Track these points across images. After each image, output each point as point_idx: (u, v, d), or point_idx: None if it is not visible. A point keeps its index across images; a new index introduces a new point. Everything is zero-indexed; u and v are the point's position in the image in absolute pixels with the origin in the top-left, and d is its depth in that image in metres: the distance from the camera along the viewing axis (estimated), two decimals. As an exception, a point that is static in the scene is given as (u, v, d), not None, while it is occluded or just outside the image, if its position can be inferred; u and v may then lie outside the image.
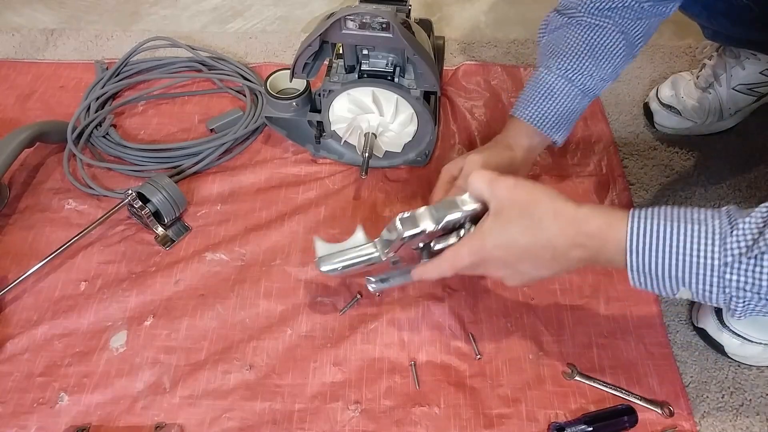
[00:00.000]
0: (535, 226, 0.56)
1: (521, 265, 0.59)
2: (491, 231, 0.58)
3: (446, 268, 0.62)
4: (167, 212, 0.82)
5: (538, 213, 0.56)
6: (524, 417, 0.69)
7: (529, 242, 0.57)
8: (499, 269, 0.61)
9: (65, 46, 1.12)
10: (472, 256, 0.60)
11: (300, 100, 0.85)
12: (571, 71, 0.73)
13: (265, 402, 0.70)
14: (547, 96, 0.74)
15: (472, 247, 0.60)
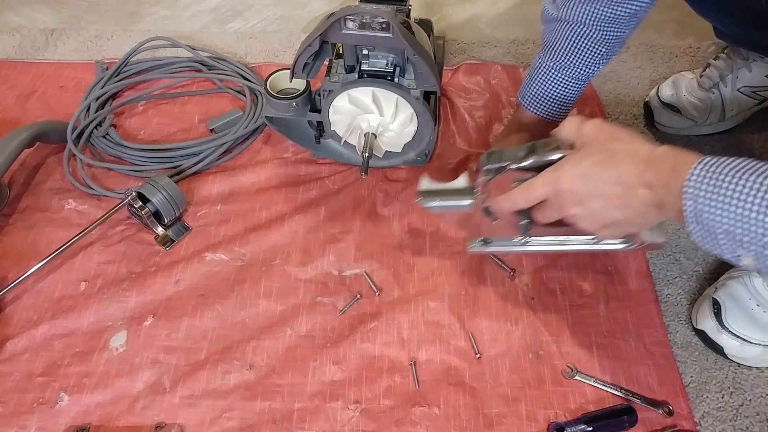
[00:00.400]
0: (609, 160, 0.55)
1: (593, 202, 0.56)
2: (567, 162, 0.57)
3: (520, 198, 0.60)
4: (167, 212, 0.82)
5: (614, 148, 0.55)
6: (524, 417, 0.69)
7: (600, 175, 0.55)
8: (572, 205, 0.58)
9: (65, 46, 1.12)
10: (545, 186, 0.58)
11: (300, 100, 0.85)
12: (562, 64, 0.78)
13: (265, 402, 0.70)
14: (545, 85, 0.79)
15: (547, 177, 0.58)
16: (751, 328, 0.71)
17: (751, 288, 0.71)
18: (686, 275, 0.81)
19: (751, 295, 0.71)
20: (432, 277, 0.80)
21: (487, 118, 0.98)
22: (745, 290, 0.72)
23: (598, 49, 0.77)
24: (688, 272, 0.81)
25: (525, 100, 0.82)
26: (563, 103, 0.81)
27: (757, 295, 0.71)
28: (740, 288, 0.72)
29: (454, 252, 0.82)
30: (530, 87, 0.81)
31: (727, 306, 0.72)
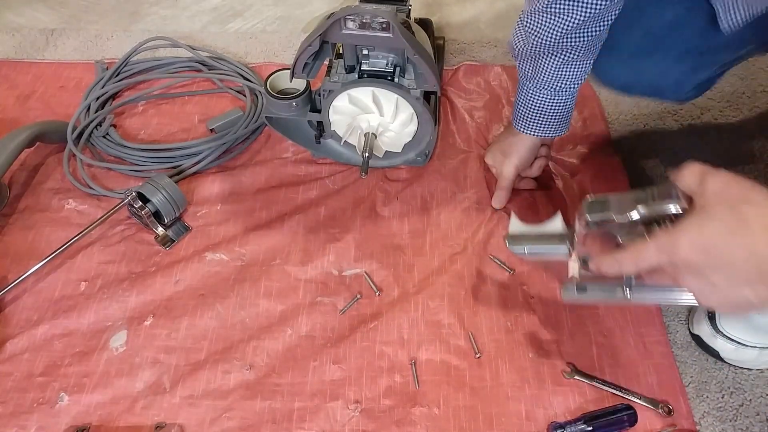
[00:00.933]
0: (741, 229, 0.46)
1: (716, 276, 0.48)
2: (688, 228, 0.48)
3: (627, 261, 0.53)
4: (167, 212, 0.82)
5: (747, 214, 0.46)
6: (524, 417, 0.69)
7: (729, 246, 0.46)
8: (689, 277, 0.50)
9: (65, 46, 1.12)
10: (660, 253, 0.50)
11: (300, 100, 0.85)
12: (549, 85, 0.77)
13: (265, 401, 0.70)
14: (538, 108, 0.80)
15: (662, 243, 0.50)
16: (746, 331, 0.70)
17: None
18: (686, 275, 0.81)
19: None
20: (432, 277, 0.80)
21: (487, 119, 0.98)
22: None
23: (579, 59, 0.75)
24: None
25: (520, 124, 0.82)
26: (561, 120, 0.81)
27: None
28: None
29: (454, 252, 0.82)
30: (523, 111, 0.81)
31: None
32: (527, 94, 0.80)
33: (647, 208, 0.53)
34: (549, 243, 0.64)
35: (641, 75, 0.80)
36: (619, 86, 0.83)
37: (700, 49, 0.76)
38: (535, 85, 0.78)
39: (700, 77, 0.79)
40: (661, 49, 0.77)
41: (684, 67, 0.77)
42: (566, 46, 0.73)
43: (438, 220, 0.85)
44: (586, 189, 0.88)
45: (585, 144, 0.94)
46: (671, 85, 0.80)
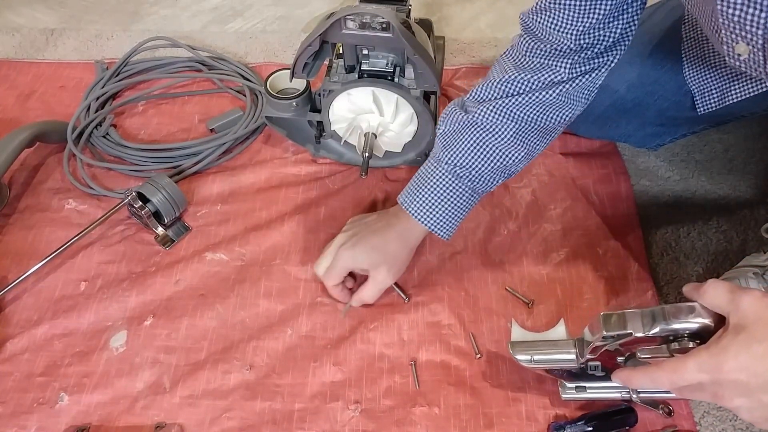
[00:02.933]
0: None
1: (765, 396, 0.48)
2: (731, 348, 0.49)
3: (664, 379, 0.53)
4: (167, 212, 0.82)
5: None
6: (524, 417, 0.69)
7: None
8: (735, 396, 0.49)
9: (65, 46, 1.12)
10: (702, 373, 0.50)
11: (300, 100, 0.85)
12: (459, 168, 0.70)
13: (265, 402, 0.70)
14: (433, 191, 0.71)
15: (705, 363, 0.50)
16: None
17: None
18: (686, 275, 0.81)
19: None
20: (432, 277, 0.80)
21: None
22: None
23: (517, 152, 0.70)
24: (688, 272, 0.81)
25: (412, 207, 0.72)
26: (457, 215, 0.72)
27: None
28: None
29: (454, 252, 0.82)
30: (419, 188, 0.72)
31: None
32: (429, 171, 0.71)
33: (668, 324, 0.54)
34: (556, 351, 0.63)
35: (606, 133, 0.88)
36: (588, 136, 0.92)
37: (662, 120, 0.82)
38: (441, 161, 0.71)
39: (663, 139, 0.86)
40: (623, 119, 0.83)
41: (646, 131, 0.84)
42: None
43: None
44: (588, 191, 0.88)
45: (587, 146, 0.94)
46: (634, 142, 0.88)
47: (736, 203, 0.87)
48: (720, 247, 0.83)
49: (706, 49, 0.74)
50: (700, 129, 0.84)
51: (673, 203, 0.89)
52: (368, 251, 0.73)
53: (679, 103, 0.79)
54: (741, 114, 0.78)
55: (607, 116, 0.83)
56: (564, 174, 0.90)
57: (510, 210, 0.86)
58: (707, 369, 0.50)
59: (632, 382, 0.57)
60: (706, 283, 0.52)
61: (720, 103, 0.75)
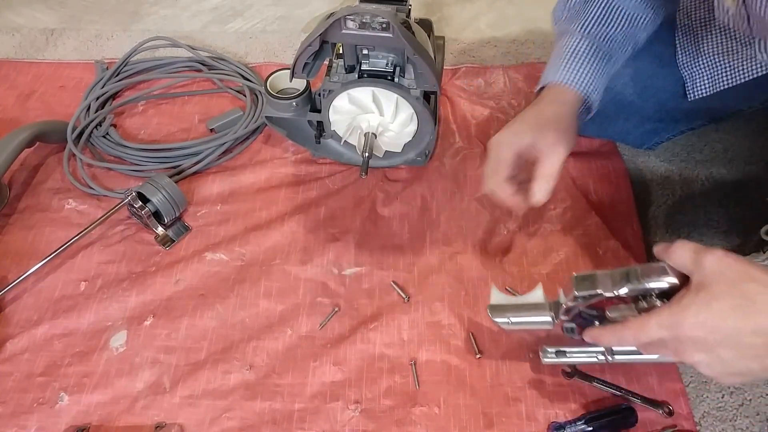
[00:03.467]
0: (747, 306, 0.48)
1: (723, 351, 0.50)
2: (691, 306, 0.50)
3: (629, 337, 0.55)
4: (167, 212, 0.82)
5: (750, 290, 0.48)
6: (524, 416, 0.69)
7: (737, 324, 0.48)
8: (695, 352, 0.51)
9: (65, 46, 1.12)
10: (662, 330, 0.52)
11: (300, 100, 0.85)
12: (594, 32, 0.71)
13: (265, 402, 0.70)
14: (574, 57, 0.69)
15: (665, 320, 0.52)
16: None
17: None
18: (686, 275, 0.81)
19: None
20: (432, 277, 0.80)
21: (486, 118, 0.98)
22: None
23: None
24: (688, 272, 0.81)
25: (560, 74, 0.69)
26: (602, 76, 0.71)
27: None
28: None
29: (454, 252, 0.82)
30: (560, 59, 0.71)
31: None
32: (563, 46, 0.71)
33: (636, 283, 0.56)
34: (532, 313, 0.65)
35: (605, 131, 0.87)
36: (586, 134, 0.90)
37: (661, 116, 0.82)
38: (573, 32, 0.71)
39: (660, 137, 0.86)
40: (621, 115, 0.83)
41: (644, 128, 0.84)
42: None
43: (438, 220, 0.85)
44: (588, 192, 0.88)
45: (587, 146, 0.94)
46: (632, 141, 0.89)
47: (736, 203, 0.87)
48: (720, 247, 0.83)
49: (699, 35, 0.76)
50: (698, 125, 0.85)
51: (673, 203, 0.89)
52: (524, 123, 0.67)
53: (676, 95, 0.79)
54: (736, 107, 0.79)
55: (606, 113, 0.82)
56: (564, 174, 0.90)
57: (510, 210, 0.86)
58: (668, 326, 0.51)
59: (601, 340, 0.59)
60: (674, 243, 0.54)
61: (710, 89, 0.76)
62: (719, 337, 0.49)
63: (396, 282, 0.79)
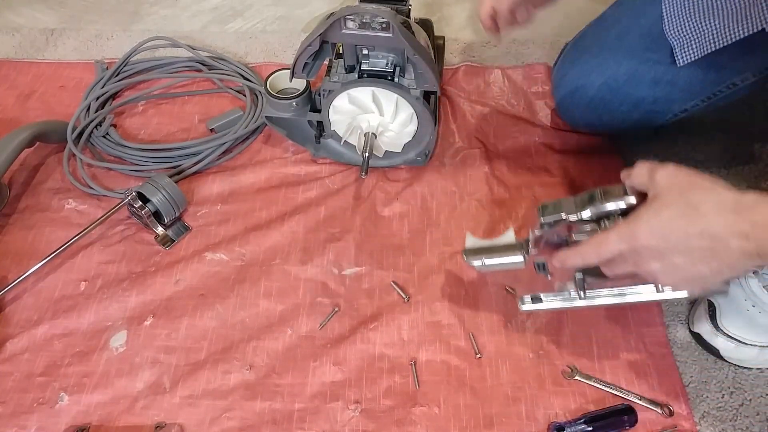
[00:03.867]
0: (692, 212, 0.52)
1: (676, 257, 0.53)
2: (644, 216, 0.53)
3: (590, 253, 0.57)
4: (167, 212, 0.82)
5: (695, 198, 0.52)
6: (524, 417, 0.69)
7: (683, 229, 0.52)
8: (651, 261, 0.54)
9: (65, 46, 1.12)
10: (621, 243, 0.55)
11: (300, 100, 0.85)
12: None
13: (265, 402, 0.70)
14: None
15: (622, 232, 0.54)
16: (747, 329, 0.70)
17: (747, 289, 0.71)
18: (686, 275, 0.81)
19: (746, 296, 0.71)
20: (432, 276, 0.80)
21: (486, 118, 0.98)
22: (741, 291, 0.71)
23: None
24: (688, 272, 0.81)
25: None
26: None
27: (753, 296, 0.70)
28: (735, 289, 0.72)
29: (454, 252, 0.82)
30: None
31: (722, 308, 0.71)
32: None
33: (598, 205, 0.58)
34: (505, 254, 0.67)
35: (600, 120, 0.86)
36: (584, 126, 0.91)
37: (656, 97, 0.81)
38: None
39: (657, 120, 0.85)
40: (616, 98, 0.83)
41: (641, 111, 0.83)
42: None
43: (438, 220, 0.85)
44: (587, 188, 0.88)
45: (587, 146, 0.94)
46: (628, 129, 0.87)
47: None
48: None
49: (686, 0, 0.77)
50: (692, 106, 0.83)
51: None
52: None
53: (667, 71, 0.80)
54: (729, 80, 0.79)
55: (601, 98, 0.83)
56: (564, 174, 0.90)
57: (510, 210, 0.86)
58: (625, 237, 0.54)
59: (567, 262, 0.60)
60: (635, 165, 0.57)
61: (699, 52, 0.75)
62: (670, 243, 0.52)
63: (396, 282, 0.79)
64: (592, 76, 0.82)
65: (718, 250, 0.51)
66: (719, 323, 0.71)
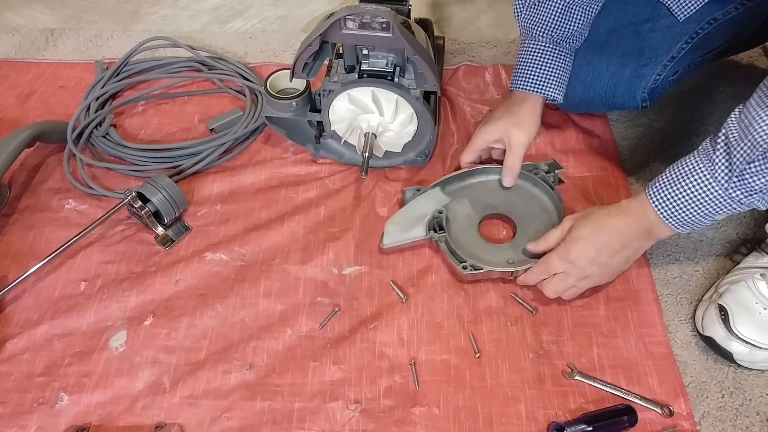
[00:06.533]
0: (600, 225, 0.72)
1: (603, 258, 0.71)
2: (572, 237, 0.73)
3: (540, 270, 0.75)
4: (167, 212, 0.82)
5: (596, 215, 0.73)
6: (524, 417, 0.69)
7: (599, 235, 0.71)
8: (587, 267, 0.72)
9: (65, 46, 1.12)
10: (561, 261, 0.72)
11: (300, 100, 0.85)
12: (556, 35, 0.82)
13: (265, 401, 0.70)
14: (540, 64, 0.82)
15: (560, 252, 0.73)
16: (761, 333, 0.70)
17: (756, 292, 0.71)
18: (686, 275, 0.81)
19: (757, 300, 0.71)
20: (432, 277, 0.80)
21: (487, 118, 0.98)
22: (751, 295, 0.71)
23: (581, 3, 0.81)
24: (688, 272, 0.81)
25: (521, 83, 0.83)
26: (560, 78, 0.83)
27: (764, 299, 0.70)
28: (746, 293, 0.72)
29: (454, 252, 0.82)
30: (523, 69, 0.83)
31: (735, 312, 0.71)
32: (527, 51, 0.83)
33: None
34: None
35: (591, 87, 0.85)
36: (577, 103, 0.88)
37: (639, 46, 0.82)
38: (536, 37, 0.82)
39: (647, 78, 0.81)
40: (603, 57, 0.83)
41: (629, 69, 0.82)
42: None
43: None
44: (588, 191, 0.88)
45: (587, 145, 0.94)
46: (623, 91, 0.83)
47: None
48: (720, 247, 0.83)
49: None
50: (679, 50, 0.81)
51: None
52: (496, 122, 0.84)
53: (654, 13, 0.81)
54: (725, 39, 0.81)
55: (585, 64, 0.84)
56: (564, 174, 0.90)
57: (510, 210, 0.86)
58: (562, 256, 0.73)
59: (527, 279, 0.77)
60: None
61: (697, 4, 0.78)
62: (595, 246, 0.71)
63: (395, 282, 0.79)
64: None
65: (625, 242, 0.71)
66: (733, 328, 0.70)
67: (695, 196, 0.65)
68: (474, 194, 0.85)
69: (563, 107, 0.93)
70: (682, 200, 0.66)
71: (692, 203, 0.66)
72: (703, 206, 0.65)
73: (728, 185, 0.63)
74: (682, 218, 0.67)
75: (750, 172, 0.61)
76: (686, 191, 0.66)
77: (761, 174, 0.61)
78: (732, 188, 0.63)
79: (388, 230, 0.81)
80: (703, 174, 0.64)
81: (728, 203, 0.64)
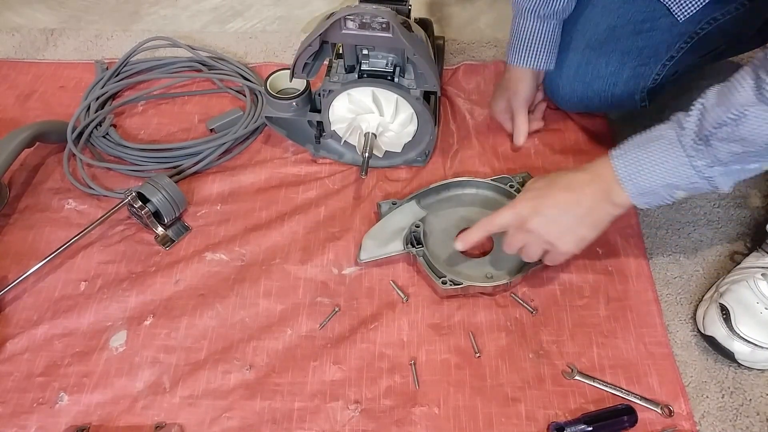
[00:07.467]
0: (553, 179, 0.70)
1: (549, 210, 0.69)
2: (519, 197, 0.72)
3: (486, 224, 0.73)
4: (167, 212, 0.82)
5: (551, 179, 0.71)
6: (524, 416, 0.69)
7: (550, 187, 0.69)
8: (533, 218, 0.69)
9: (65, 46, 1.12)
10: (506, 215, 0.71)
11: (300, 100, 0.85)
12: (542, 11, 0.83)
13: (265, 401, 0.70)
14: (529, 39, 0.85)
15: (505, 209, 0.71)
16: (762, 332, 0.69)
17: (757, 292, 0.71)
18: (686, 275, 0.81)
19: (758, 299, 0.71)
20: (432, 277, 0.80)
21: (487, 118, 0.98)
22: (752, 294, 0.71)
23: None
24: (688, 272, 0.81)
25: (513, 57, 0.87)
26: (549, 50, 0.85)
27: (765, 299, 0.70)
28: (747, 292, 0.71)
29: (454, 252, 0.82)
30: (514, 44, 0.86)
31: (737, 311, 0.71)
32: (517, 26, 0.85)
33: None
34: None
35: (590, 87, 0.85)
36: (576, 102, 0.89)
37: (639, 46, 0.82)
38: (524, 15, 0.84)
39: (646, 78, 0.82)
40: (602, 56, 0.83)
41: (628, 69, 0.82)
42: None
43: (438, 220, 0.85)
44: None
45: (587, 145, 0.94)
46: (622, 91, 0.84)
47: (736, 203, 0.87)
48: (720, 247, 0.83)
49: None
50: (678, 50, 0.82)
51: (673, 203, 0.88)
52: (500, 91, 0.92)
53: (647, 18, 0.82)
54: (725, 40, 0.80)
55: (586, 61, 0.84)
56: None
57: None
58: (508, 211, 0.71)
59: (468, 238, 0.75)
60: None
61: (697, 4, 0.78)
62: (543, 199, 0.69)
63: (395, 282, 0.79)
64: (574, 41, 0.86)
65: (579, 198, 0.67)
66: (735, 327, 0.70)
67: (656, 160, 0.63)
68: (450, 207, 0.85)
69: (563, 107, 0.93)
70: (641, 163, 0.63)
71: (652, 167, 0.63)
72: (662, 172, 0.62)
73: (693, 150, 0.61)
74: (638, 183, 0.64)
75: (717, 137, 0.59)
76: (649, 154, 0.63)
77: (727, 141, 0.58)
78: (696, 154, 0.61)
79: (365, 245, 0.80)
80: (670, 138, 0.62)
81: (688, 173, 0.62)
